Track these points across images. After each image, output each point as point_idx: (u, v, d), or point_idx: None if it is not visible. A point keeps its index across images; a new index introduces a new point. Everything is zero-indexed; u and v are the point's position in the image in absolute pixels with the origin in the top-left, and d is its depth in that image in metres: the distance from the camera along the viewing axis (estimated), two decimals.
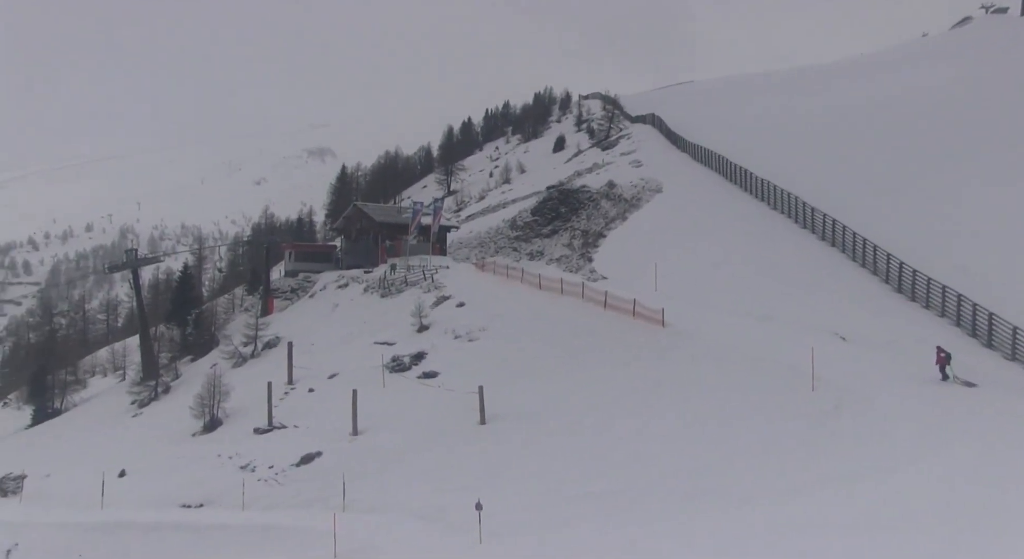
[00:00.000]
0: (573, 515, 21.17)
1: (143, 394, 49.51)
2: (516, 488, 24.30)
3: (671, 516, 18.98)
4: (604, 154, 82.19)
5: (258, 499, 29.82)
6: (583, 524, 20.24)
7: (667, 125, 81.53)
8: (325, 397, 38.31)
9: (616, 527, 19.28)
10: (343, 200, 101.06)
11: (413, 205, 60.84)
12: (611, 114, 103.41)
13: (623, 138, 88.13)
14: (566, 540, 19.08)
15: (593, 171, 72.17)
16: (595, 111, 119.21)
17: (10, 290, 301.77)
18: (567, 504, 22.20)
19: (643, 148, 76.52)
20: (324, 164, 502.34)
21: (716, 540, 16.32)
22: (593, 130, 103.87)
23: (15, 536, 32.12)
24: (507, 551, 19.17)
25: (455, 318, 43.31)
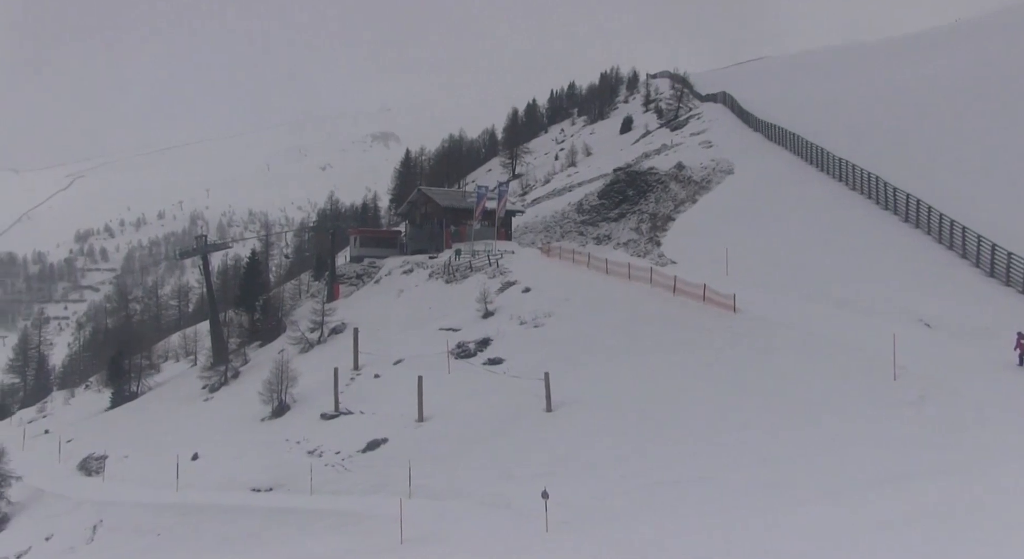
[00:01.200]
0: (644, 504, 21.00)
1: (214, 379, 51.20)
2: (584, 476, 24.26)
3: (749, 507, 18.61)
4: (673, 135, 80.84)
5: (326, 484, 30.58)
6: (655, 513, 20.06)
7: (739, 104, 79.59)
8: (390, 383, 38.93)
9: (690, 517, 19.04)
10: (407, 185, 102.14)
11: (478, 189, 61.03)
12: (680, 93, 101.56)
13: (693, 118, 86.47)
14: (637, 529, 18.92)
15: (661, 152, 71.06)
16: (663, 90, 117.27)
17: (89, 276, 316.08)
18: (638, 493, 22.03)
19: (713, 128, 74.93)
20: (388, 149, 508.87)
21: (798, 533, 15.92)
22: (661, 110, 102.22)
23: (100, 513, 33.84)
24: (575, 540, 19.12)
25: (521, 304, 43.37)
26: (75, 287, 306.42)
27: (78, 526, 33.70)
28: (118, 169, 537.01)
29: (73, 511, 35.46)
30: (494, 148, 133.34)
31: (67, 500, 37.18)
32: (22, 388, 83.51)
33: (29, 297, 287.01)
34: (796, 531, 16.04)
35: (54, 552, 32.53)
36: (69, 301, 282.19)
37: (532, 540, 19.83)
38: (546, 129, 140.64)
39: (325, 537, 25.57)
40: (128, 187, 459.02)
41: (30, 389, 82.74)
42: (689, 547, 16.55)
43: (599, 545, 18.19)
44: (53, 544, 33.22)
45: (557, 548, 18.71)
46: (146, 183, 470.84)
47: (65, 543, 32.81)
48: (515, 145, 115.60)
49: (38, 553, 33.01)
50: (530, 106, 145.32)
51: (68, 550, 32.23)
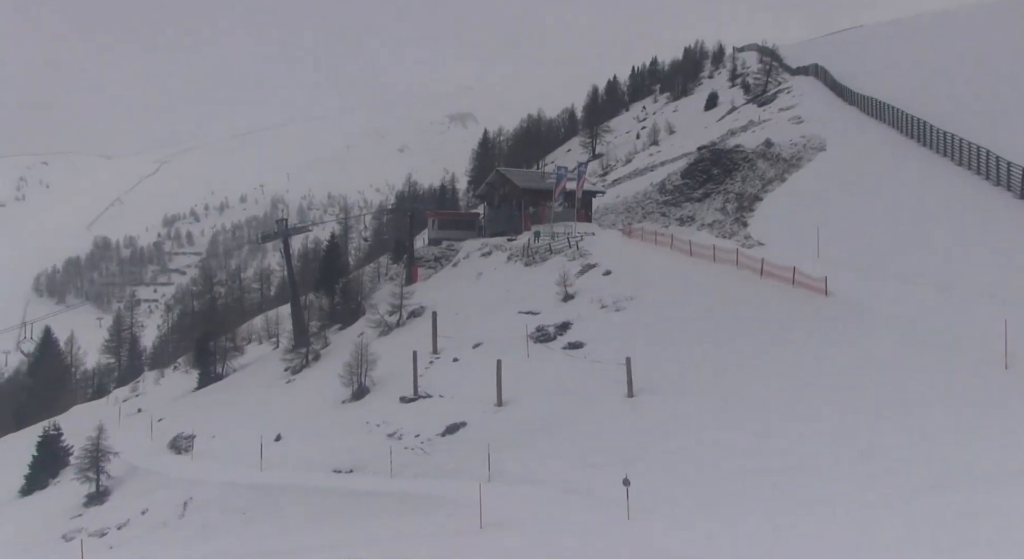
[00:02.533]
0: (729, 493, 20.72)
1: (295, 361, 52.84)
2: (666, 463, 24.07)
3: (841, 500, 18.14)
4: (761, 111, 78.67)
5: (405, 467, 31.26)
6: (741, 503, 19.77)
7: (832, 76, 76.78)
8: (469, 367, 39.40)
9: (780, 508, 18.69)
10: (485, 166, 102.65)
11: (557, 170, 60.84)
12: (769, 67, 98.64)
13: (782, 92, 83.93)
14: (722, 519, 18.71)
15: (749, 129, 69.30)
16: (751, 64, 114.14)
17: (176, 260, 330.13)
18: (723, 482, 21.75)
19: (804, 103, 72.56)
20: (466, 129, 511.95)
21: (895, 529, 15.43)
22: (748, 85, 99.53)
23: (189, 491, 35.57)
24: (657, 528, 19.04)
25: (601, 287, 43.16)
26: (163, 270, 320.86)
27: (170, 502, 35.46)
28: (202, 154, 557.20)
29: (165, 487, 37.33)
30: (574, 127, 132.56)
31: (159, 477, 39.16)
32: (117, 368, 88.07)
33: (122, 280, 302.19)
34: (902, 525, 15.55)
35: (149, 526, 34.35)
36: (158, 284, 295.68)
37: (613, 528, 19.83)
38: (627, 107, 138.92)
39: (405, 519, 26.17)
40: (212, 171, 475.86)
41: (124, 369, 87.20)
42: (783, 540, 16.24)
43: (683, 535, 18.07)
44: (148, 518, 35.08)
45: (639, 537, 18.66)
46: (229, 167, 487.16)
47: (159, 518, 34.60)
48: (595, 124, 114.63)
49: (135, 526, 34.92)
50: (611, 83, 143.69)
51: (161, 525, 33.98)
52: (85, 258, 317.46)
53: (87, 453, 40.81)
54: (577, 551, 18.28)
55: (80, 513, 38.74)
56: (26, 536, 38.12)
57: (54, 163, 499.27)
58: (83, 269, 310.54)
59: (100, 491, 39.88)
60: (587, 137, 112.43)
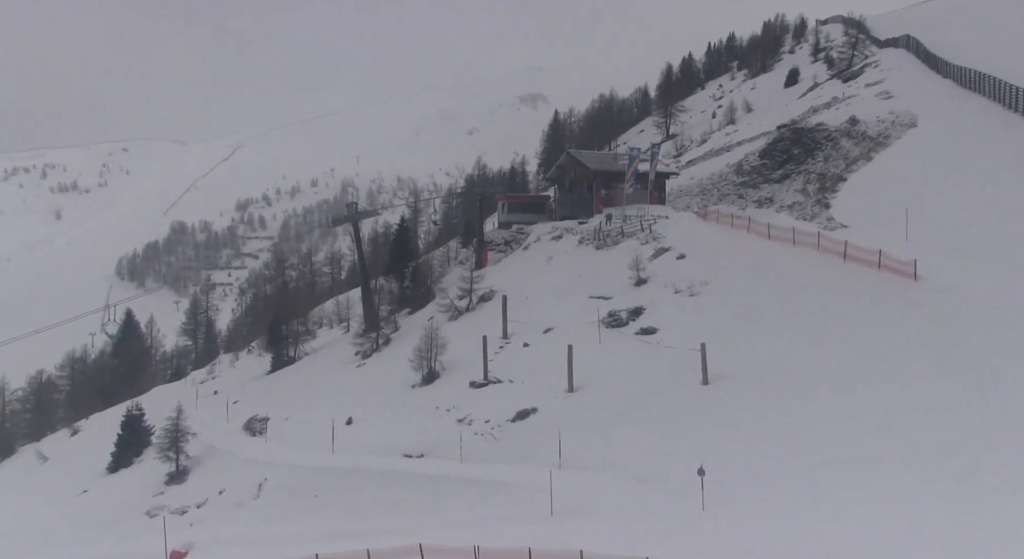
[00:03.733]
0: (809, 485, 20.37)
1: (366, 345, 53.90)
2: (743, 453, 23.79)
3: (927, 494, 17.66)
4: (845, 86, 76.12)
5: (475, 452, 31.68)
6: (821, 496, 19.43)
7: (924, 47, 73.62)
8: (540, 352, 39.56)
9: (861, 502, 18.30)
10: (556, 148, 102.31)
11: (629, 151, 60.22)
12: (855, 39, 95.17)
13: (869, 66, 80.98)
14: (802, 512, 18.44)
15: (832, 106, 67.16)
16: (835, 37, 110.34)
17: (249, 244, 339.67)
18: (802, 473, 21.39)
19: (894, 77, 69.86)
20: (536, 111, 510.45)
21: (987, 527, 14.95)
22: (832, 59, 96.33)
23: (264, 472, 36.88)
24: (734, 519, 18.90)
25: (675, 271, 42.72)
26: (237, 254, 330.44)
27: (246, 483, 36.81)
28: (274, 138, 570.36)
29: (241, 468, 38.76)
30: (647, 107, 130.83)
31: (235, 458, 40.68)
32: (194, 350, 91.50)
33: (198, 264, 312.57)
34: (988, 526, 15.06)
35: (226, 506, 35.76)
36: (232, 268, 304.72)
37: (688, 517, 19.77)
38: (703, 85, 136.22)
39: (476, 505, 26.58)
40: (283, 156, 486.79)
41: (200, 351, 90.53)
42: (862, 537, 15.93)
43: (760, 528, 17.88)
44: (225, 498, 36.52)
45: (715, 528, 18.56)
46: (300, 152, 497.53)
47: (235, 498, 35.97)
48: (669, 103, 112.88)
49: (213, 505, 36.41)
50: (685, 61, 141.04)
51: (238, 505, 35.31)
52: (163, 242, 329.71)
53: (167, 433, 42.68)
54: (650, 541, 18.29)
55: (162, 491, 40.57)
56: (114, 511, 40.21)
57: (133, 150, 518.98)
58: (161, 253, 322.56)
59: (180, 470, 41.68)
60: (661, 117, 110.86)
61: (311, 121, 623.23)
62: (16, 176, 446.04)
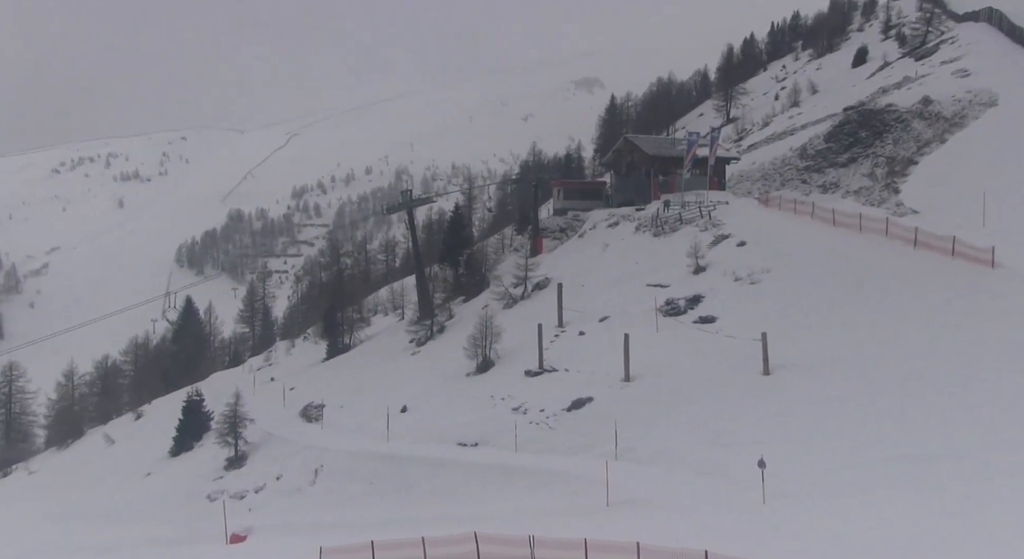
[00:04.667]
0: (875, 480, 19.94)
1: (420, 333, 54.43)
2: (806, 446, 23.39)
3: (995, 495, 17.12)
4: (918, 65, 73.73)
5: (530, 442, 31.78)
6: (887, 491, 19.00)
7: (1009, 20, 70.55)
8: (595, 341, 39.45)
9: (935, 500, 17.83)
10: (612, 133, 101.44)
11: (688, 136, 59.38)
12: (929, 15, 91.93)
13: (945, 43, 78.23)
14: (867, 507, 18.06)
15: (903, 86, 65.19)
16: (908, 13, 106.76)
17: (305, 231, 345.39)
18: (867, 467, 20.95)
19: (973, 53, 67.34)
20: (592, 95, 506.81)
21: None
22: (905, 37, 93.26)
23: (321, 458, 37.64)
24: (795, 514, 18.61)
25: (735, 258, 42.11)
26: (293, 242, 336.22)
27: (302, 469, 37.60)
28: (329, 126, 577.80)
29: (297, 454, 39.59)
30: (706, 90, 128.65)
31: (292, 444, 41.54)
32: (251, 337, 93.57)
33: (254, 251, 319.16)
34: None
35: (284, 491, 36.60)
36: (288, 255, 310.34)
37: (748, 511, 19.54)
38: (765, 67, 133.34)
39: (531, 495, 26.69)
40: (338, 143, 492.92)
41: (257, 338, 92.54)
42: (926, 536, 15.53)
43: (821, 523, 17.58)
44: (283, 483, 37.37)
45: (776, 522, 18.31)
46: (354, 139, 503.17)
47: (293, 484, 36.78)
48: (730, 86, 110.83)
49: (271, 490, 37.30)
50: (747, 42, 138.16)
51: (295, 490, 36.12)
52: (220, 230, 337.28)
53: (226, 419, 43.82)
54: (709, 534, 18.11)
55: (221, 475, 41.70)
56: (177, 494, 41.53)
57: (192, 138, 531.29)
58: (219, 241, 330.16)
59: (238, 455, 42.77)
60: (721, 100, 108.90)
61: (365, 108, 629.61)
62: (82, 166, 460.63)
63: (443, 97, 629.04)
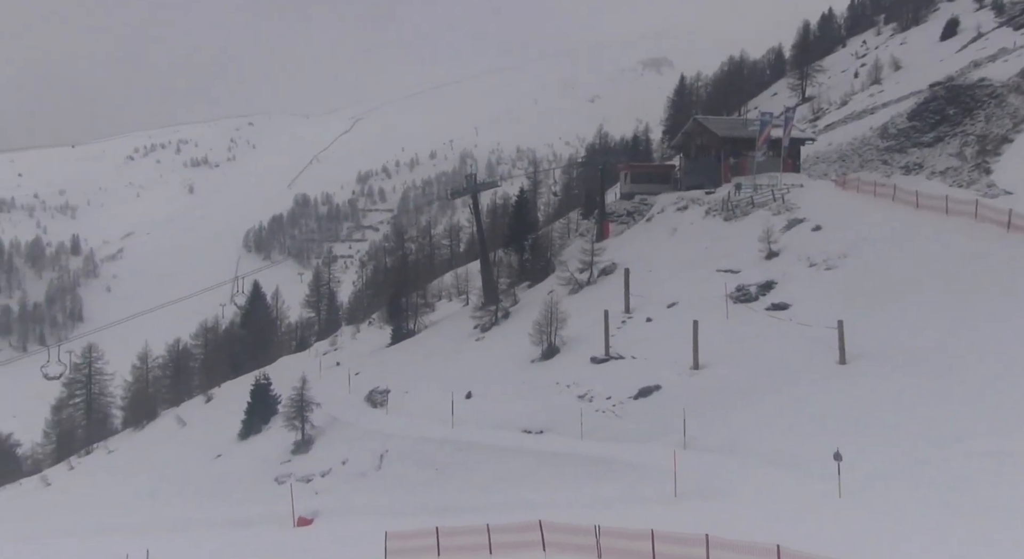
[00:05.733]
0: (958, 477, 19.33)
1: (485, 319, 54.71)
2: (885, 439, 22.78)
3: None
4: (1017, 35, 70.43)
5: (596, 430, 31.72)
6: (966, 489, 18.39)
7: None
8: (663, 327, 39.08)
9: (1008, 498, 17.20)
10: (682, 114, 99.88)
11: (761, 116, 58.11)
12: None
13: None
14: (949, 505, 17.52)
15: (999, 59, 62.39)
16: None
17: (369, 216, 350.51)
18: (950, 463, 20.31)
19: None
20: (661, 76, 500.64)
21: None
22: (1003, 5, 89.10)
23: (386, 443, 38.29)
24: (873, 508, 18.16)
25: (810, 243, 41.13)
26: (358, 227, 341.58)
27: (368, 454, 38.29)
28: (394, 110, 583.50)
29: (363, 439, 40.32)
30: (780, 69, 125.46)
31: (357, 429, 42.35)
32: (316, 322, 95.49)
33: (319, 236, 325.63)
34: None
35: (350, 475, 37.36)
36: (353, 240, 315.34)
37: (822, 505, 19.16)
38: (844, 43, 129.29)
39: (596, 483, 26.65)
40: (402, 127, 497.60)
41: (323, 323, 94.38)
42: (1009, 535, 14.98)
43: (900, 519, 17.11)
44: (348, 467, 38.13)
45: (853, 517, 17.91)
46: (418, 123, 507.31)
47: (358, 468, 37.50)
48: (806, 64, 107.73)
49: (337, 474, 38.11)
50: (825, 17, 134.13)
51: (360, 475, 36.82)
52: (287, 215, 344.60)
53: (293, 403, 44.87)
54: (781, 527, 17.80)
55: (289, 459, 42.77)
56: (246, 476, 42.81)
57: (259, 124, 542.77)
58: (285, 226, 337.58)
59: (305, 439, 43.78)
60: (796, 79, 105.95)
61: (429, 92, 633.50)
62: (154, 152, 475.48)
63: (508, 80, 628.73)
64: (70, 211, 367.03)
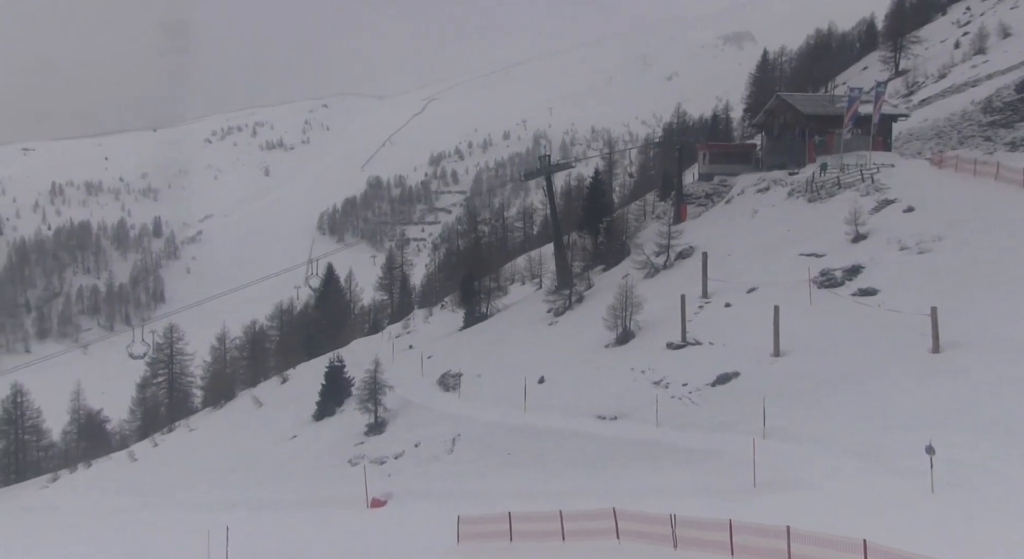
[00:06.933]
0: None
1: (558, 303, 54.72)
2: (981, 433, 21.92)
3: None
4: None
5: (672, 417, 31.43)
6: None
7: None
8: (742, 313, 38.43)
9: None
10: (764, 91, 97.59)
11: (849, 92, 56.25)
12: None
13: None
14: None
15: None
16: None
17: (442, 199, 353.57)
18: None
19: None
20: (742, 51, 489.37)
21: None
22: None
23: (458, 428, 38.75)
24: (968, 505, 17.55)
25: (901, 225, 39.75)
26: (430, 209, 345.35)
27: (440, 437, 38.80)
28: (467, 90, 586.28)
29: (435, 423, 40.87)
30: (872, 41, 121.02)
31: (430, 412, 42.94)
32: (389, 305, 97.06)
33: (392, 219, 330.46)
34: None
35: (422, 458, 37.93)
36: (425, 223, 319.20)
37: (912, 500, 18.58)
38: (944, 10, 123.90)
39: (672, 472, 26.44)
40: (475, 108, 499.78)
41: (396, 306, 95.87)
42: None
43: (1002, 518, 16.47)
44: (421, 451, 38.72)
45: (945, 515, 17.33)
46: (492, 104, 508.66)
47: (430, 452, 38.05)
48: (900, 35, 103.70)
49: (409, 457, 38.75)
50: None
51: (433, 458, 37.34)
52: (360, 197, 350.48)
53: (366, 385, 45.75)
54: (868, 522, 17.34)
55: (362, 441, 43.68)
56: (320, 457, 43.95)
57: (333, 105, 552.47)
58: (358, 208, 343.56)
59: (378, 422, 44.63)
60: (889, 51, 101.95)
61: (503, 72, 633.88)
62: (231, 135, 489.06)
63: (582, 58, 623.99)
64: (152, 194, 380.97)
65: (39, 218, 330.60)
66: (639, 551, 19.22)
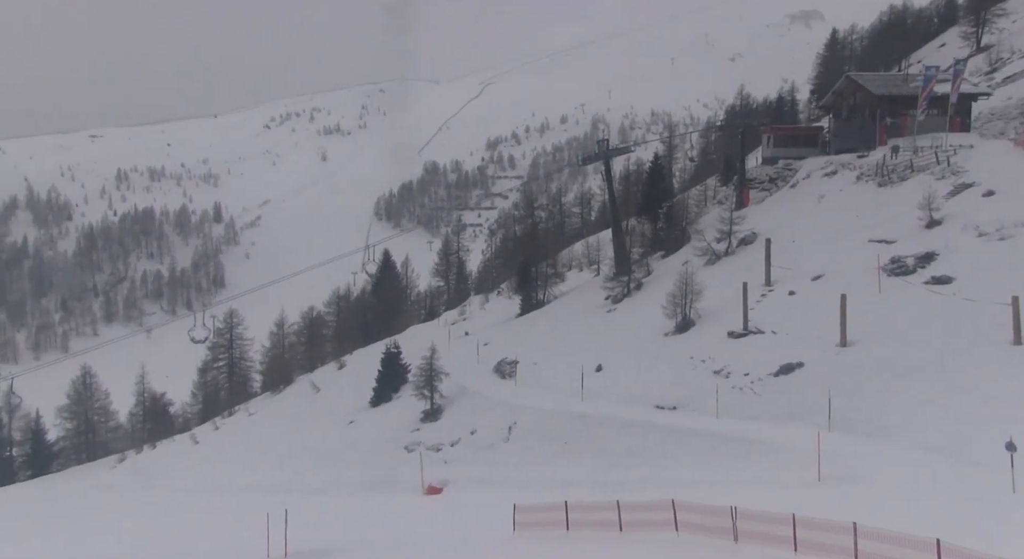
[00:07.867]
0: None
1: (616, 290, 54.36)
2: None
3: None
4: None
5: (733, 407, 31.02)
6: None
7: None
8: (807, 301, 37.68)
9: None
10: (832, 72, 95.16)
11: (925, 70, 54.43)
12: None
13: None
14: None
15: None
16: None
17: (499, 184, 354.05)
18: None
19: None
20: (810, 30, 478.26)
21: None
22: None
23: (514, 415, 38.85)
24: None
25: (979, 210, 38.43)
26: (487, 194, 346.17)
27: (496, 425, 38.96)
28: (524, 74, 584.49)
29: (491, 410, 41.04)
30: (951, 16, 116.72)
31: (486, 399, 43.12)
32: (446, 291, 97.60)
33: (448, 204, 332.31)
34: None
35: (478, 446, 38.16)
36: (482, 208, 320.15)
37: (992, 499, 17.99)
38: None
39: (733, 464, 26.09)
40: (533, 92, 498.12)
41: (452, 292, 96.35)
42: None
43: None
44: (477, 438, 38.95)
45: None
46: (549, 87, 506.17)
47: (487, 439, 38.24)
48: (983, 8, 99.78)
49: (466, 444, 39.02)
50: None
51: (489, 446, 37.53)
52: (416, 183, 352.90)
53: (422, 372, 46.15)
54: (941, 520, 16.80)
55: (418, 428, 44.12)
56: (377, 443, 44.57)
57: (390, 90, 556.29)
58: (415, 194, 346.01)
59: (434, 409, 45.01)
60: (971, 26, 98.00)
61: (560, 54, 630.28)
62: (289, 120, 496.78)
63: (643, 39, 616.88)
64: (212, 179, 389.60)
65: (105, 204, 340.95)
66: (699, 543, 18.98)
